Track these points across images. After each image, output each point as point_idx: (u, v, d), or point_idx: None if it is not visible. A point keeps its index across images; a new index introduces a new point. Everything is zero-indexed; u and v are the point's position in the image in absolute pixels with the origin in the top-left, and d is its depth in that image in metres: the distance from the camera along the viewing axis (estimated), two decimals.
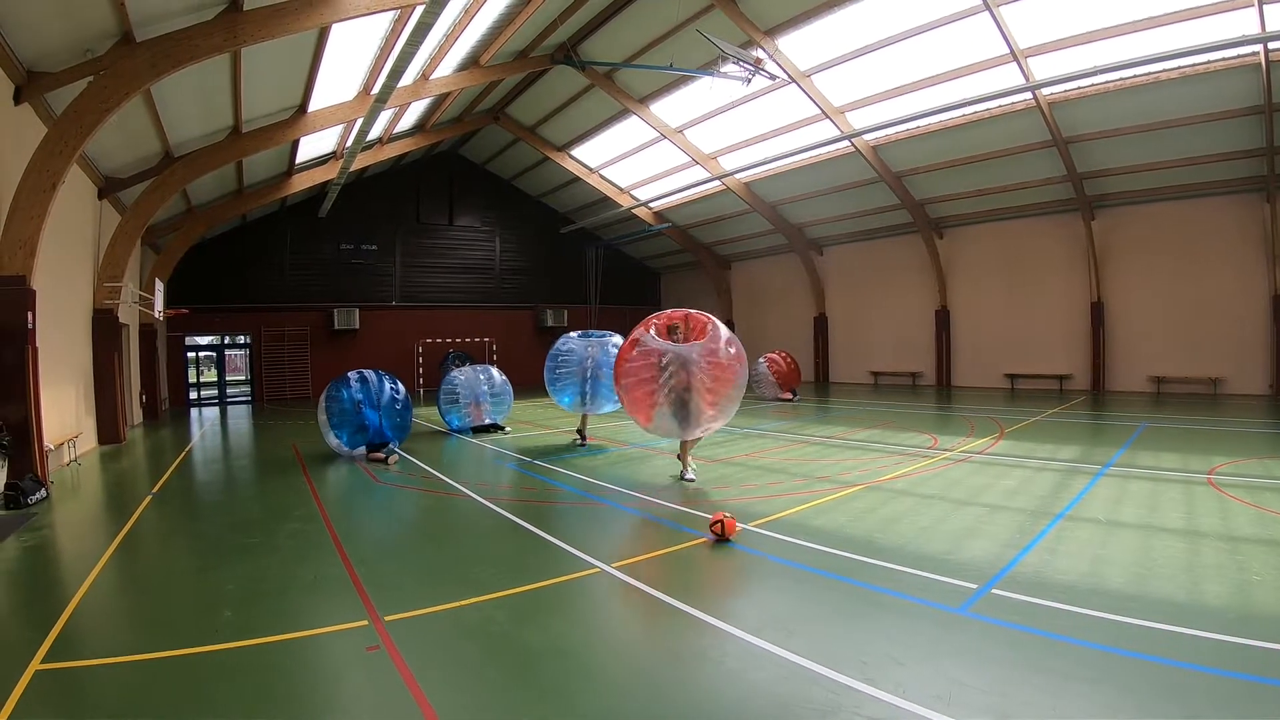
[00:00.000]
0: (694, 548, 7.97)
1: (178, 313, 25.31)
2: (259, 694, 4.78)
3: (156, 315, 21.57)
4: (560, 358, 16.34)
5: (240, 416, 25.73)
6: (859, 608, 6.09)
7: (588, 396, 16.01)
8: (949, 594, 6.24)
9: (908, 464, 12.74)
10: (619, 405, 13.80)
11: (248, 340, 32.69)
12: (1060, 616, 5.64)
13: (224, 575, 7.31)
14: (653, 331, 11.96)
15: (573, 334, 16.98)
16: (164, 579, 7.58)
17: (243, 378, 35.19)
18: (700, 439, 12.35)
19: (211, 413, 27.76)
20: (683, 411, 11.20)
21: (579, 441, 16.28)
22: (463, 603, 6.38)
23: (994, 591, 6.25)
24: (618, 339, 15.95)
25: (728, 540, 7.85)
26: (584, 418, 16.70)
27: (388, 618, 6.01)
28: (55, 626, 5.89)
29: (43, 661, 5.20)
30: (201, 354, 33.40)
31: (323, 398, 15.14)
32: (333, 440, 14.94)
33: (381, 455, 14.52)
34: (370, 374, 15.59)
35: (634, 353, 11.62)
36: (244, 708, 4.57)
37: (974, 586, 6.37)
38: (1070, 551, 7.32)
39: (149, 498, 11.41)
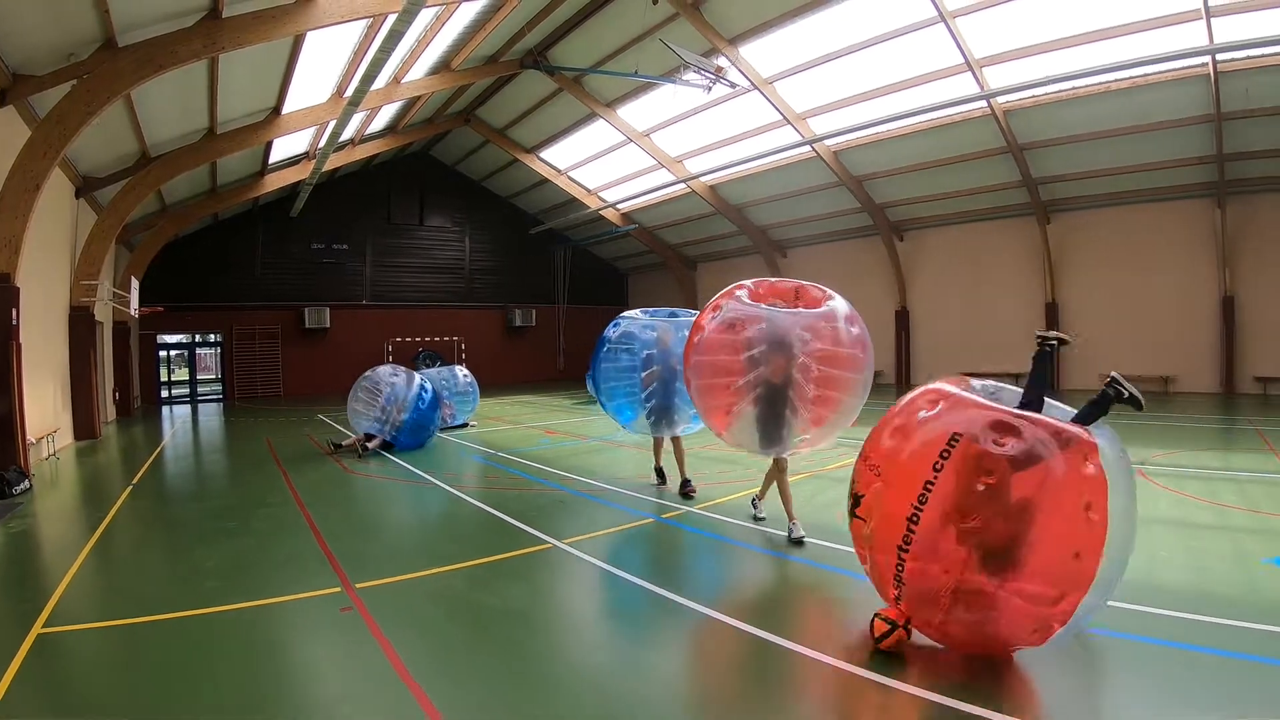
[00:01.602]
0: (640, 527, 8.72)
1: (153, 310, 25.50)
2: (245, 648, 5.40)
3: (132, 313, 21.89)
4: (615, 350, 10.55)
5: (212, 414, 26.04)
6: (776, 573, 6.83)
7: (663, 411, 10.26)
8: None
9: (853, 455, 13.46)
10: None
11: (219, 339, 32.82)
12: None
13: (205, 554, 7.83)
14: (743, 295, 7.91)
15: (636, 312, 11.10)
16: (149, 557, 8.13)
17: (213, 376, 35.34)
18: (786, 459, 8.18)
19: (183, 410, 28.01)
20: (770, 417, 7.56)
21: (657, 483, 11.01)
22: (426, 573, 7.06)
23: None
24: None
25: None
26: (660, 444, 11.08)
27: (358, 585, 6.64)
28: (52, 598, 6.38)
29: (44, 626, 5.69)
30: (173, 352, 33.49)
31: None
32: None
33: (368, 444, 14.87)
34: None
35: (710, 324, 7.82)
36: (233, 659, 5.18)
37: None
38: None
39: (129, 489, 11.80)
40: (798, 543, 7.62)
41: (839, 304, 7.75)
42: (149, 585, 6.99)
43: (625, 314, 11.04)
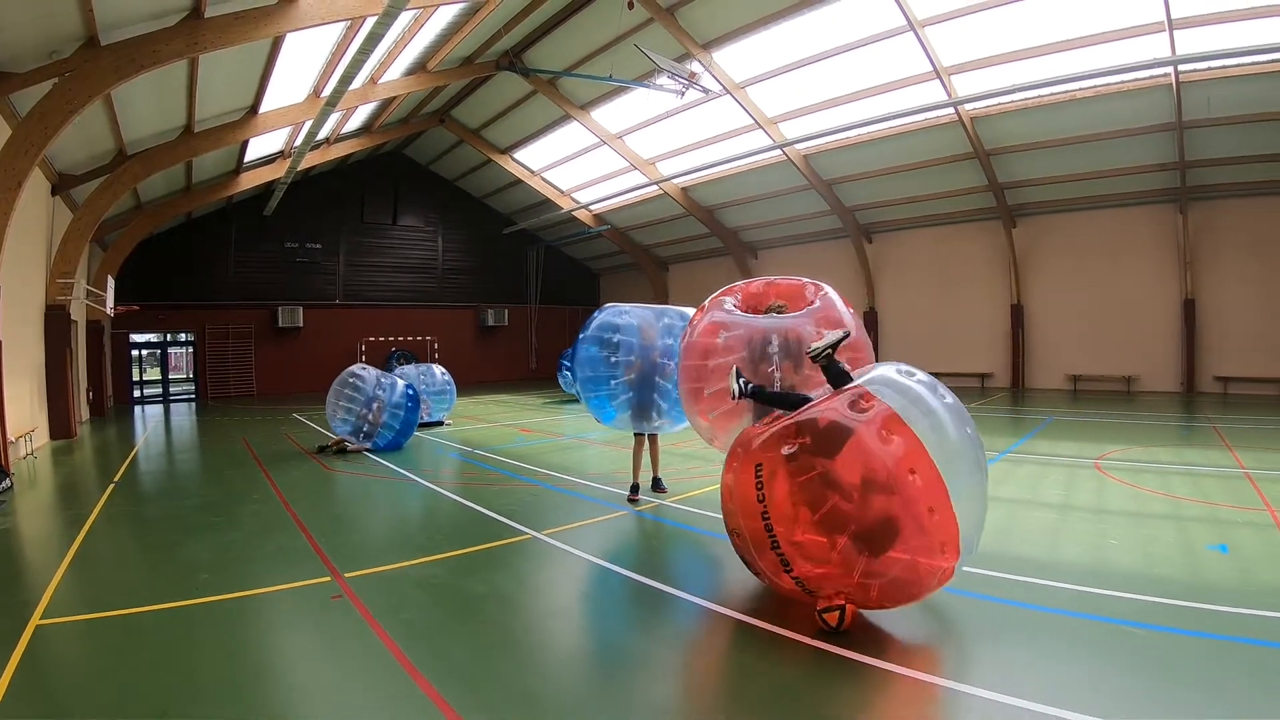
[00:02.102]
0: (615, 520, 9.04)
1: (129, 309, 25.46)
2: (243, 633, 5.68)
3: (109, 312, 21.89)
4: (597, 342, 9.83)
5: (186, 414, 25.95)
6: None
7: (643, 407, 9.81)
8: None
9: None
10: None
11: (191, 338, 32.69)
12: None
13: (195, 547, 8.04)
14: (731, 305, 7.80)
15: (624, 306, 10.27)
16: (139, 551, 8.30)
17: (185, 375, 35.21)
18: None
19: (156, 410, 27.87)
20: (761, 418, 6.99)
21: (632, 497, 10.06)
22: (412, 562, 7.36)
23: None
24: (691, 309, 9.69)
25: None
26: (639, 446, 10.29)
27: (347, 574, 6.92)
28: (46, 591, 6.55)
29: (41, 618, 5.87)
30: (145, 352, 33.28)
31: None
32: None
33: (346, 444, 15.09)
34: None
35: (718, 341, 7.36)
36: (231, 644, 5.45)
37: None
38: None
39: (111, 487, 11.87)
40: None
41: (833, 294, 7.62)
42: (142, 578, 7.18)
43: (614, 305, 10.35)
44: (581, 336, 10.01)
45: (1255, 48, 17.16)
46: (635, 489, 10.11)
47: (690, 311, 9.32)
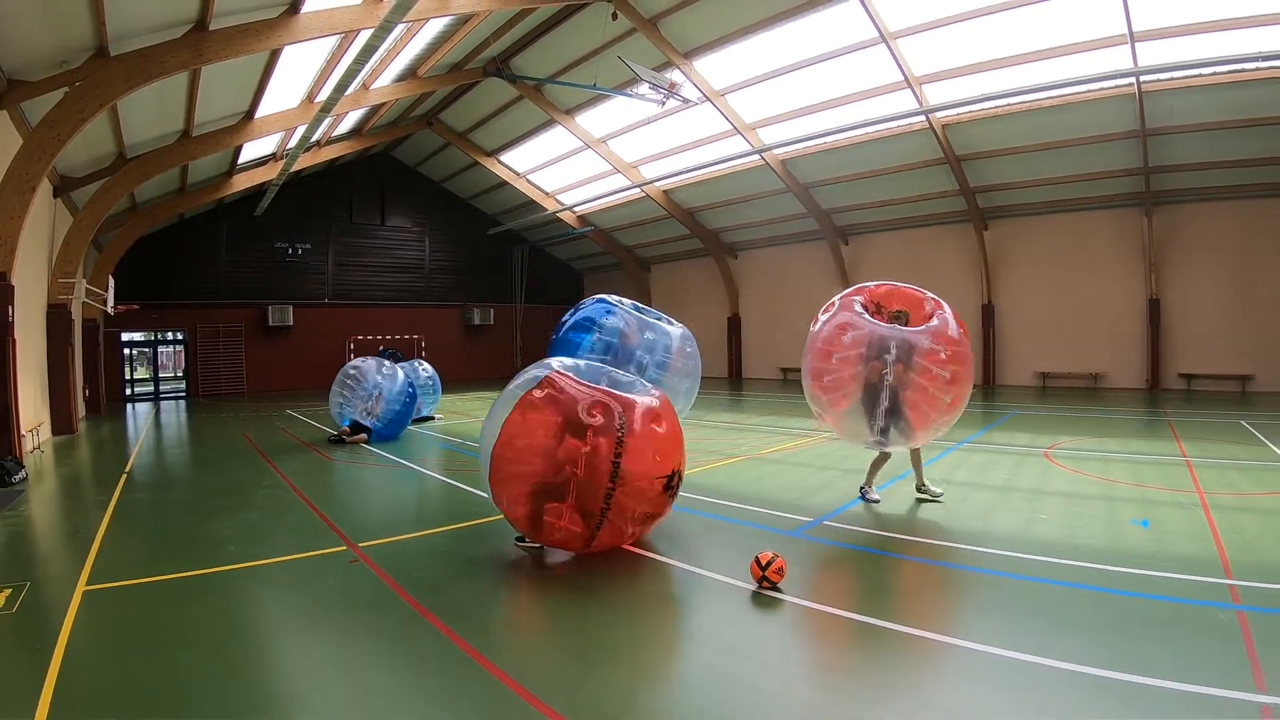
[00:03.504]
0: None
1: (129, 308, 25.85)
2: (278, 590, 6.56)
3: (109, 311, 22.40)
4: (575, 332, 9.69)
5: (181, 411, 26.41)
6: (717, 534, 8.06)
7: None
8: (790, 524, 8.31)
9: (789, 441, 15.00)
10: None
11: (183, 336, 33.15)
12: (876, 539, 7.72)
13: (217, 525, 8.79)
14: (860, 306, 8.98)
15: (612, 302, 10.13)
16: (165, 529, 8.94)
17: (175, 374, 35.73)
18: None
19: (150, 408, 28.23)
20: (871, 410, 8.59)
21: None
22: (416, 534, 8.29)
23: (825, 522, 8.33)
24: (680, 331, 10.29)
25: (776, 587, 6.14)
26: None
27: (362, 544, 7.74)
28: (86, 563, 7.26)
29: (87, 584, 6.57)
30: (136, 350, 33.77)
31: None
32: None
33: (357, 436, 15.80)
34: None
35: (844, 339, 8.61)
36: (269, 598, 6.35)
37: (810, 519, 8.41)
38: (897, 500, 9.32)
39: (124, 476, 12.50)
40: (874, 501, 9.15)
41: (947, 309, 8.90)
42: (174, 550, 7.84)
43: (598, 297, 10.27)
44: (565, 322, 9.97)
45: (1214, 59, 18.10)
46: None
47: (676, 331, 10.07)
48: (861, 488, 9.42)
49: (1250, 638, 4.93)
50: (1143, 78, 19.90)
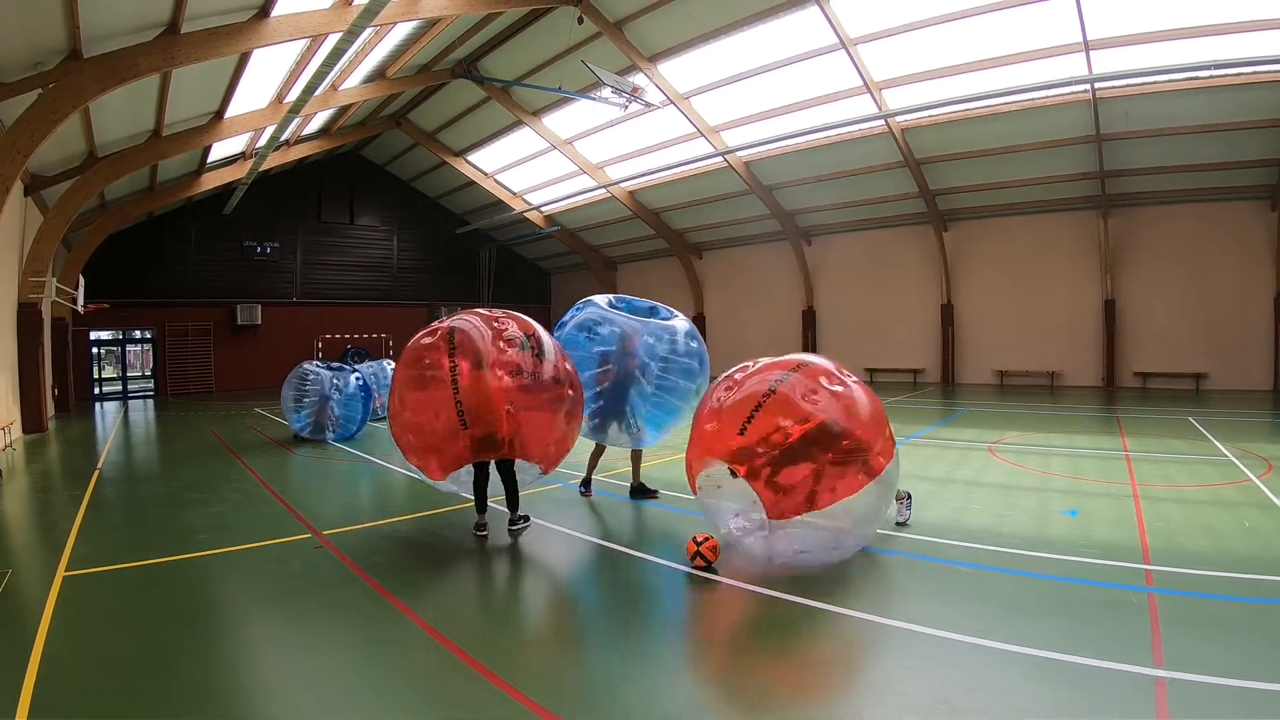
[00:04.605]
0: (549, 491, 10.29)
1: (99, 307, 25.81)
2: (248, 573, 6.95)
3: (79, 310, 22.42)
4: (574, 339, 9.39)
5: (150, 410, 26.41)
6: (653, 521, 8.57)
7: (608, 416, 9.39)
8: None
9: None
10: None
11: (152, 335, 33.02)
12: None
13: (188, 516, 9.18)
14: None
15: (604, 309, 9.64)
16: (139, 521, 9.33)
17: (143, 373, 35.62)
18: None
19: (118, 407, 28.17)
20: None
21: (582, 493, 10.04)
22: (378, 523, 8.79)
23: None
24: (680, 323, 9.85)
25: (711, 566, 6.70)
26: (597, 455, 10.08)
27: (325, 531, 8.19)
28: (66, 549, 7.63)
29: (67, 570, 6.92)
30: (104, 349, 33.64)
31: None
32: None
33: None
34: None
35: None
36: (239, 580, 6.74)
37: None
38: None
39: (96, 472, 12.74)
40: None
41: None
42: (147, 539, 8.22)
43: (594, 299, 9.89)
44: (561, 328, 9.59)
45: (1166, 67, 18.78)
46: (588, 484, 10.08)
47: (677, 324, 9.72)
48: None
49: (1156, 618, 5.39)
50: (1098, 85, 20.55)
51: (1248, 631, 5.21)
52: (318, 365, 16.79)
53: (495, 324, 7.69)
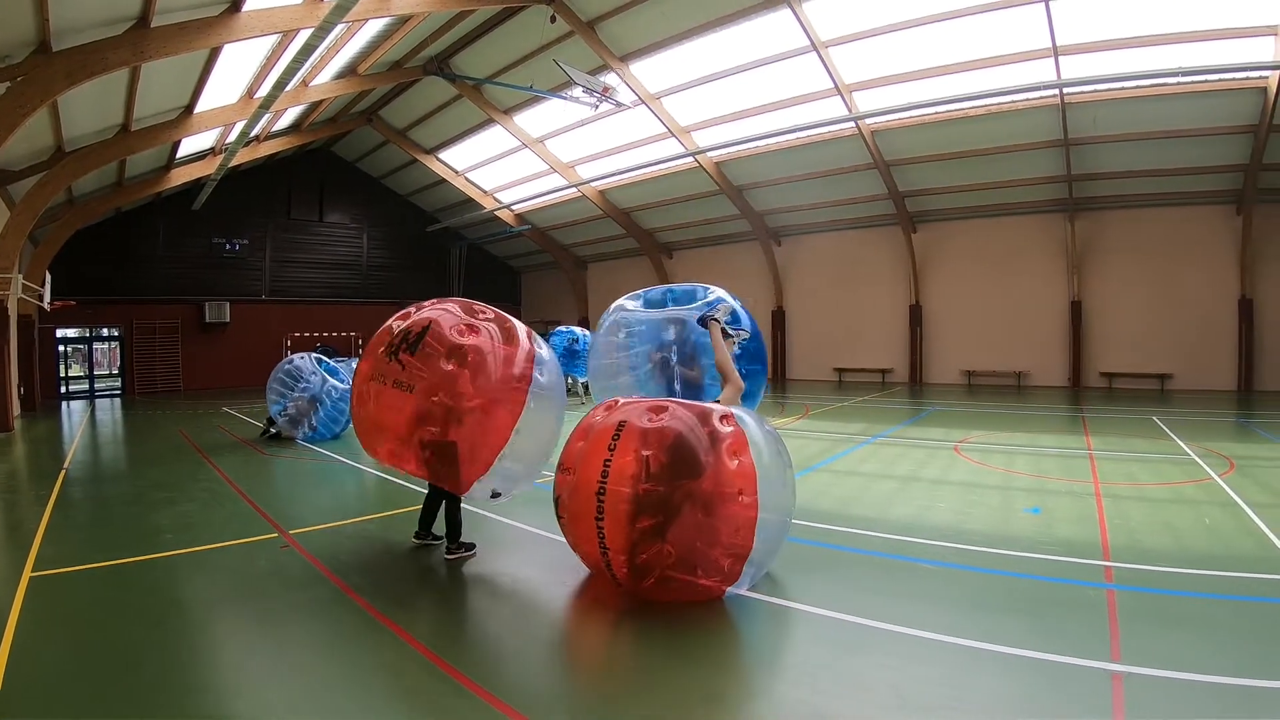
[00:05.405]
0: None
1: (66, 305, 25.45)
2: (213, 572, 6.99)
3: (46, 307, 22.17)
4: (605, 347, 9.05)
5: (117, 409, 26.07)
6: None
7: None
8: None
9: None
10: None
11: (119, 333, 32.59)
12: None
13: (155, 517, 9.13)
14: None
15: (628, 309, 9.19)
16: (105, 521, 9.24)
17: (110, 371, 35.15)
18: None
19: (85, 406, 27.75)
20: None
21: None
22: (345, 522, 8.81)
23: None
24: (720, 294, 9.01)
25: None
26: None
27: (292, 531, 8.23)
28: (32, 550, 7.58)
29: (33, 571, 6.89)
30: (71, 347, 33.18)
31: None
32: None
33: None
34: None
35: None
36: (205, 579, 6.79)
37: None
38: (804, 488, 9.81)
39: (63, 472, 12.58)
40: None
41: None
42: (114, 539, 8.18)
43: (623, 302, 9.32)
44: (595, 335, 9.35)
45: (1134, 74, 19.04)
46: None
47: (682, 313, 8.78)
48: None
49: (1115, 614, 5.54)
50: (1066, 90, 20.88)
51: (1206, 627, 5.35)
52: (311, 361, 16.57)
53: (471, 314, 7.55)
